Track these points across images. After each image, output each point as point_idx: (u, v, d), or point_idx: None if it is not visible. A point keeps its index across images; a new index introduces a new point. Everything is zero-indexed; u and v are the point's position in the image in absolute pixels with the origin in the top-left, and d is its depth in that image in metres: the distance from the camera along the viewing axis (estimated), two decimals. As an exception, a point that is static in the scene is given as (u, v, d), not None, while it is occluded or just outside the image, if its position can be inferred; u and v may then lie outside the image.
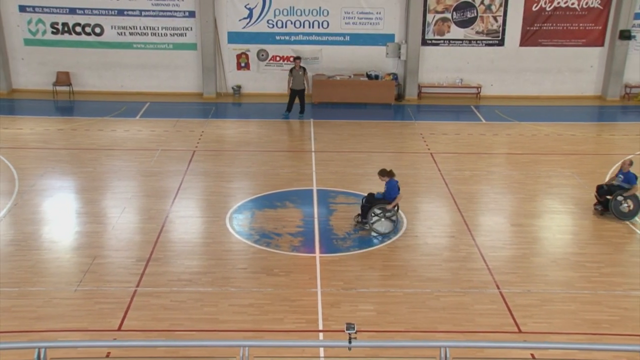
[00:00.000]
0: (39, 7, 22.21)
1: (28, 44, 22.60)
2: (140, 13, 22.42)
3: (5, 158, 16.89)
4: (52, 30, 22.48)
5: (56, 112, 21.68)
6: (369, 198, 13.69)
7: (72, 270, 11.93)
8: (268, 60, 23.14)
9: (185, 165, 16.88)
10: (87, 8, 22.23)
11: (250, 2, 22.47)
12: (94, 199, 14.98)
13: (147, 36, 22.66)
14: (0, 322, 10.28)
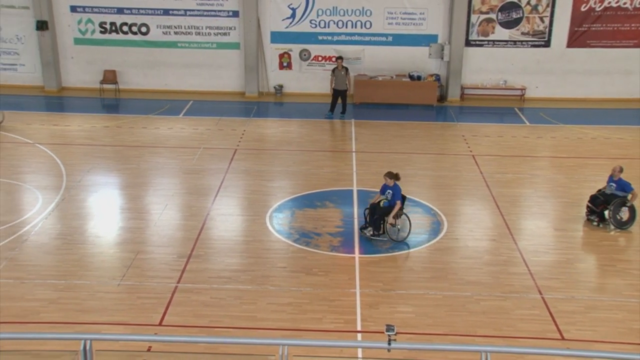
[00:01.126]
0: (89, 7, 22.67)
1: (78, 43, 23.08)
2: (185, 12, 22.70)
3: (54, 154, 17.27)
4: (101, 29, 22.92)
5: (102, 110, 22.09)
6: (376, 209, 13.14)
7: (115, 264, 12.14)
8: (310, 60, 23.19)
9: (226, 163, 17.03)
10: (134, 8, 22.60)
11: (293, 2, 22.55)
12: (137, 195, 15.23)
13: (191, 35, 22.93)
14: (48, 313, 10.54)
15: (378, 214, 13.08)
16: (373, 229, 13.12)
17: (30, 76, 23.27)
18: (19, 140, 18.21)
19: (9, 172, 16.01)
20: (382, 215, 13.05)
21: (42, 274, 11.66)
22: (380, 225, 13.07)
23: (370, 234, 13.16)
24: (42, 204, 14.37)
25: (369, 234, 13.16)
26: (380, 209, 13.14)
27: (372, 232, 13.14)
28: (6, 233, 13.03)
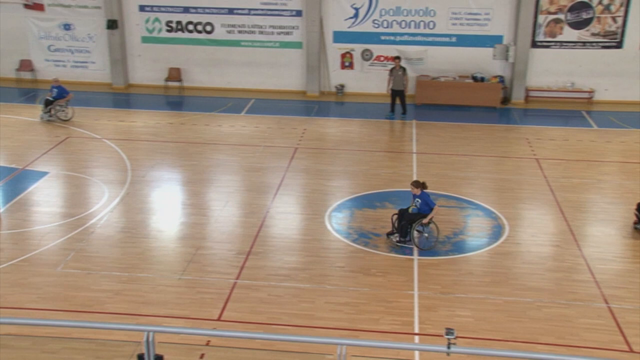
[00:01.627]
0: (157, 7, 23.18)
1: (145, 41, 23.64)
2: (249, 12, 22.96)
3: (120, 149, 17.72)
4: (167, 28, 23.41)
5: (167, 107, 22.54)
6: (404, 215, 12.91)
7: (176, 259, 12.37)
8: (372, 60, 23.12)
9: (286, 161, 17.14)
10: (200, 7, 22.99)
11: (356, 2, 22.52)
12: (199, 191, 15.48)
13: (254, 34, 23.18)
14: (112, 304, 10.82)
15: (405, 220, 12.82)
16: (400, 235, 12.87)
17: (100, 73, 23.95)
18: (88, 135, 18.75)
19: (78, 166, 16.50)
20: (409, 222, 12.77)
21: (107, 266, 11.98)
22: (407, 231, 12.78)
23: (397, 240, 12.89)
24: (108, 198, 14.75)
25: (395, 240, 12.92)
26: (408, 215, 12.88)
27: (399, 239, 12.87)
28: (74, 225, 13.44)
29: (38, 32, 23.67)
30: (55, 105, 19.66)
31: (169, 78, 23.61)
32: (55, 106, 19.65)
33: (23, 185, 15.34)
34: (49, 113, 19.63)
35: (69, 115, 19.78)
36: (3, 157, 17.03)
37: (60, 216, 13.92)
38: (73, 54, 23.85)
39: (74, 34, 23.62)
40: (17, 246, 12.59)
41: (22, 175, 15.91)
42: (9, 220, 13.65)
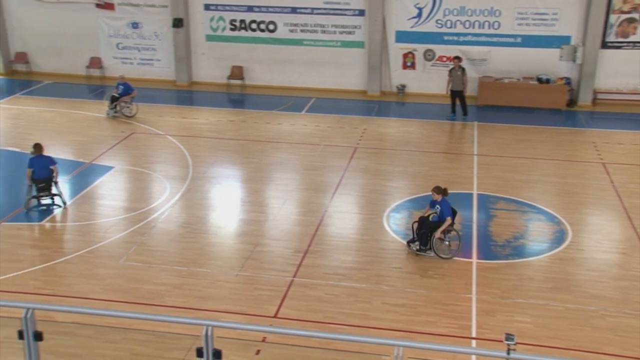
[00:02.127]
0: (221, 6, 23.52)
1: (209, 39, 24.01)
2: (312, 11, 23.03)
3: (183, 145, 18.05)
4: (231, 27, 23.72)
5: (228, 104, 22.83)
6: (424, 223, 12.53)
7: (234, 255, 12.51)
8: (434, 61, 22.87)
9: (346, 161, 17.12)
10: (264, 6, 23.21)
11: (420, 2, 22.32)
12: (258, 188, 15.62)
13: (316, 33, 23.24)
14: (172, 297, 11.03)
15: (425, 228, 12.47)
16: (420, 243, 12.53)
17: (165, 71, 24.45)
18: (152, 131, 19.17)
19: (141, 162, 16.89)
20: (430, 230, 12.44)
21: (168, 260, 12.21)
22: (427, 240, 12.43)
23: (417, 248, 12.54)
24: (170, 193, 15.04)
25: (415, 248, 12.59)
26: (428, 223, 12.56)
27: (419, 247, 12.54)
28: (137, 219, 13.76)
29: (108, 31, 24.33)
30: (121, 101, 20.17)
31: (231, 76, 23.92)
32: (121, 102, 20.16)
33: (89, 179, 15.79)
34: (115, 109, 20.15)
35: (133, 112, 20.26)
36: (71, 151, 17.57)
37: (124, 210, 14.28)
38: (140, 51, 24.43)
39: (141, 32, 24.19)
40: (83, 238, 12.97)
41: (88, 169, 16.38)
42: (75, 212, 14.08)
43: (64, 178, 15.57)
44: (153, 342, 9.64)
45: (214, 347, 5.30)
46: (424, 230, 12.42)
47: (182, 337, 9.37)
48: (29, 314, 5.48)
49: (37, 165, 13.99)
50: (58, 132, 19.00)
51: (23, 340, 5.52)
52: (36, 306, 5.60)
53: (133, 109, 20.28)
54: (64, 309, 6.10)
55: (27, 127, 19.25)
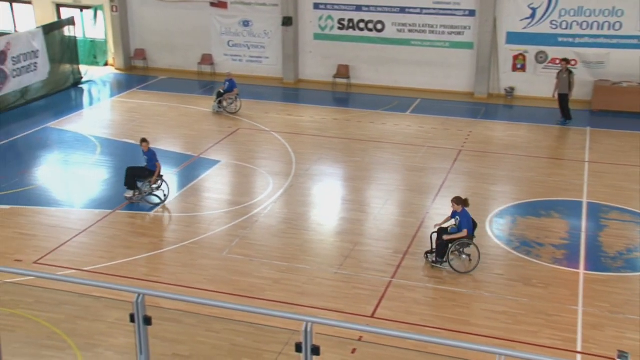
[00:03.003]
0: (330, 5, 23.72)
1: (317, 38, 24.27)
2: (421, 11, 22.80)
3: (287, 142, 18.35)
4: (339, 26, 23.87)
5: (333, 103, 22.99)
6: (442, 234, 12.01)
7: (334, 253, 12.59)
8: (546, 63, 22.08)
9: (449, 163, 16.85)
10: (372, 5, 23.20)
11: (534, 2, 21.61)
12: (360, 188, 15.64)
13: (425, 34, 22.99)
14: (271, 291, 11.24)
15: (442, 240, 11.93)
16: (436, 255, 11.97)
17: (272, 68, 24.93)
18: (257, 127, 19.60)
19: (246, 157, 17.31)
20: (447, 242, 11.88)
21: (269, 255, 12.45)
22: (444, 252, 11.88)
23: (433, 260, 12.01)
24: (273, 189, 15.33)
25: (431, 259, 12.06)
26: (445, 234, 12.00)
27: (435, 259, 11.99)
28: (240, 213, 14.11)
29: (220, 28, 25.08)
30: (226, 97, 20.73)
31: (337, 75, 24.07)
32: (227, 99, 20.73)
33: (197, 172, 16.34)
34: (220, 105, 20.74)
35: (237, 108, 20.77)
36: (181, 144, 18.24)
37: (228, 203, 14.68)
38: (249, 49, 25.03)
39: (251, 30, 24.78)
40: (189, 229, 13.44)
41: (196, 162, 16.96)
42: (183, 204, 14.61)
43: (173, 170, 16.21)
44: (252, 334, 9.87)
45: (312, 343, 5.34)
46: (440, 242, 11.93)
47: (280, 331, 9.54)
48: (140, 298, 5.71)
49: None
50: (169, 125, 19.78)
51: (134, 324, 5.76)
52: (146, 292, 5.83)
53: (237, 106, 20.78)
54: (172, 297, 6.33)
55: (142, 120, 20.16)
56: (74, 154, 17.37)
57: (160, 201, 14.44)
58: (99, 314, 10.30)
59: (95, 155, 17.21)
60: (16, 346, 9.29)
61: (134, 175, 14.39)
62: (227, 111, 20.66)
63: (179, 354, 9.44)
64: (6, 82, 20.24)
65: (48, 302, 10.52)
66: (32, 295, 10.54)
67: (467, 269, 11.91)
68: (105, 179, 15.87)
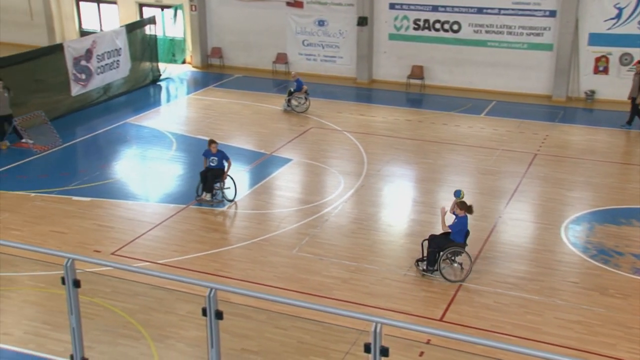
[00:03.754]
0: (406, 5, 23.57)
1: (391, 38, 24.17)
2: (499, 11, 22.37)
3: (359, 142, 18.35)
4: (414, 26, 23.69)
5: (406, 104, 22.83)
6: (433, 241, 11.62)
7: (403, 254, 12.51)
8: (631, 65, 21.25)
9: (524, 167, 16.48)
10: (449, 6, 22.92)
11: (620, 2, 20.84)
12: (431, 189, 15.49)
13: (502, 35, 22.54)
14: (340, 291, 11.26)
15: (433, 247, 11.47)
16: (427, 263, 11.53)
17: (346, 68, 24.97)
18: (330, 126, 19.67)
19: (318, 156, 17.40)
20: (439, 249, 11.44)
21: (338, 254, 12.47)
22: (434, 259, 11.45)
23: (423, 268, 11.62)
24: (344, 188, 15.35)
25: (422, 268, 11.65)
26: (437, 241, 11.55)
27: (426, 267, 11.57)
28: (311, 211, 14.20)
29: (295, 28, 25.30)
30: (295, 96, 20.92)
31: (411, 75, 23.89)
32: (295, 98, 20.91)
33: (269, 169, 16.54)
34: (289, 104, 20.94)
35: (306, 107, 20.92)
36: (254, 142, 18.51)
37: (299, 202, 14.79)
38: (323, 48, 25.15)
39: (326, 30, 24.89)
40: (260, 226, 13.62)
41: (268, 160, 17.16)
42: (254, 201, 14.82)
43: (245, 168, 16.47)
44: (320, 333, 9.93)
45: (381, 344, 5.33)
46: (431, 249, 11.55)
47: (348, 330, 9.57)
48: (212, 293, 5.82)
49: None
50: (243, 123, 20.09)
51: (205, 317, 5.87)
52: (219, 287, 5.93)
53: (305, 105, 20.93)
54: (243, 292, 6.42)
55: (217, 117, 20.55)
56: (150, 149, 17.89)
57: (230, 200, 14.58)
58: (171, 306, 10.57)
59: (171, 151, 17.67)
60: (95, 333, 9.65)
61: (214, 176, 14.32)
62: (296, 110, 20.83)
63: (247, 349, 9.58)
64: (91, 79, 21.02)
65: (124, 293, 10.89)
66: (110, 285, 10.93)
67: (458, 277, 11.59)
68: (180, 174, 16.27)
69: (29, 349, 9.51)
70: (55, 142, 17.83)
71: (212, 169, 14.40)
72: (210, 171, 14.36)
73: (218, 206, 14.38)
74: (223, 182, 14.47)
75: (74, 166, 17.10)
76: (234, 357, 9.35)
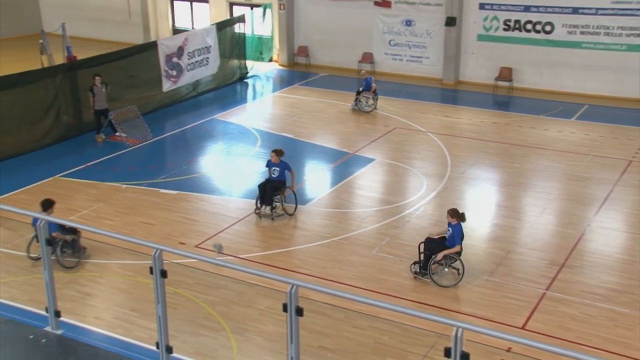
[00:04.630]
0: (497, 5, 23.07)
1: (480, 39, 23.72)
2: (596, 11, 21.54)
3: (443, 144, 18.10)
4: (504, 27, 23.15)
5: (493, 106, 22.35)
6: (428, 244, 11.50)
7: (485, 259, 12.26)
8: None
9: (617, 174, 15.82)
10: (542, 6, 22.27)
11: None
12: (516, 194, 15.10)
13: (598, 36, 21.71)
14: (419, 293, 11.13)
15: (429, 250, 11.30)
16: (420, 266, 11.35)
17: (432, 69, 24.69)
18: (413, 127, 19.50)
19: (401, 157, 17.28)
20: (432, 252, 11.24)
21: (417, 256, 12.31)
22: (427, 263, 11.25)
23: (416, 270, 11.53)
24: (426, 190, 15.19)
25: (414, 270, 11.57)
26: (431, 244, 11.38)
27: (419, 269, 11.47)
28: (392, 212, 14.12)
29: (382, 27, 25.21)
30: (363, 95, 20.88)
31: (499, 77, 23.37)
32: (363, 96, 20.87)
33: (351, 169, 16.55)
34: (357, 103, 20.94)
35: (373, 107, 20.82)
36: (337, 141, 18.56)
37: (380, 202, 14.73)
38: (410, 48, 24.95)
39: (413, 30, 24.68)
40: (341, 225, 13.65)
41: (351, 159, 17.18)
42: (336, 199, 14.86)
43: (328, 166, 16.55)
44: (397, 334, 9.86)
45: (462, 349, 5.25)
46: (427, 252, 11.42)
47: (426, 333, 9.47)
48: (294, 289, 5.87)
49: None
50: (327, 122, 20.18)
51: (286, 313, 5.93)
52: (300, 283, 5.98)
53: (373, 104, 20.83)
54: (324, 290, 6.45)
55: (301, 115, 20.74)
56: (236, 145, 18.24)
57: (290, 214, 13.90)
58: (251, 301, 10.74)
59: (255, 148, 17.95)
60: (178, 322, 9.93)
61: (273, 189, 13.69)
62: (364, 109, 20.80)
63: (324, 346, 9.63)
64: (181, 75, 21.64)
65: (206, 285, 11.15)
66: (193, 276, 11.21)
67: (450, 283, 11.33)
68: (264, 170, 16.48)
69: (117, 333, 9.88)
70: (146, 136, 18.47)
71: (271, 181, 13.86)
72: (270, 183, 13.81)
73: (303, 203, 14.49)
74: (284, 195, 13.82)
75: (162, 160, 17.65)
76: (311, 354, 9.41)
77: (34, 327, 7.89)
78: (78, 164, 16.62)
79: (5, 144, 16.88)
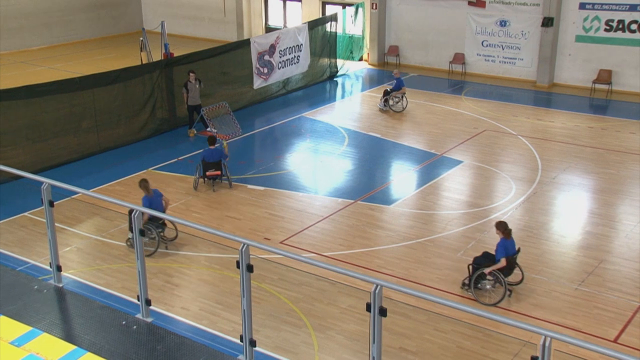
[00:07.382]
0: (598, 4, 22.21)
1: (579, 40, 22.89)
2: None
3: (534, 147, 17.61)
4: (606, 27, 22.25)
5: (589, 110, 21.55)
6: (478, 258, 11.10)
7: (575, 268, 11.86)
8: None
9: None
10: (649, 5, 21.32)
11: None
12: (611, 202, 14.52)
13: None
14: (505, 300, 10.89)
15: (477, 264, 10.97)
16: (468, 278, 11.06)
17: (526, 70, 24.06)
18: (504, 130, 19.06)
19: (489, 159, 16.93)
20: (479, 265, 10.89)
21: (504, 261, 12.06)
22: (474, 276, 10.74)
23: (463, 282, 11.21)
24: (514, 194, 14.82)
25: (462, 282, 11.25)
26: (480, 259, 11.06)
27: (466, 282, 11.12)
28: (479, 215, 13.86)
29: (475, 28, 24.77)
30: (392, 96, 20.58)
31: (597, 80, 22.50)
32: (393, 97, 20.58)
33: (438, 170, 16.35)
34: (386, 103, 20.72)
35: (402, 107, 20.54)
36: (425, 142, 18.38)
37: (467, 205, 14.49)
38: (503, 49, 24.39)
39: (507, 31, 24.11)
40: (426, 226, 13.52)
41: (439, 161, 16.97)
42: (421, 201, 14.73)
43: (414, 167, 16.41)
44: (480, 340, 9.68)
45: (550, 359, 5.12)
46: (474, 265, 10.99)
47: (511, 340, 9.26)
48: (378, 289, 5.87)
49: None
50: (416, 122, 20.02)
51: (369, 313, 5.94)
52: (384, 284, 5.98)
53: (402, 104, 20.52)
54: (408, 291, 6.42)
55: (389, 115, 20.64)
56: (323, 143, 18.37)
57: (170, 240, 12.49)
58: (333, 298, 10.81)
59: (342, 146, 18.03)
60: (261, 317, 10.13)
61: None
62: (393, 109, 20.54)
63: (405, 348, 9.57)
64: (272, 73, 22.00)
65: (290, 281, 11.30)
66: (277, 272, 11.39)
67: (490, 301, 10.78)
68: (350, 169, 16.55)
69: (202, 325, 10.17)
70: (236, 132, 18.89)
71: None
72: None
73: (388, 202, 14.46)
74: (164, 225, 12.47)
75: (251, 156, 18.00)
76: (392, 355, 9.38)
77: (126, 313, 8.25)
78: (170, 158, 17.19)
79: (104, 137, 17.68)
